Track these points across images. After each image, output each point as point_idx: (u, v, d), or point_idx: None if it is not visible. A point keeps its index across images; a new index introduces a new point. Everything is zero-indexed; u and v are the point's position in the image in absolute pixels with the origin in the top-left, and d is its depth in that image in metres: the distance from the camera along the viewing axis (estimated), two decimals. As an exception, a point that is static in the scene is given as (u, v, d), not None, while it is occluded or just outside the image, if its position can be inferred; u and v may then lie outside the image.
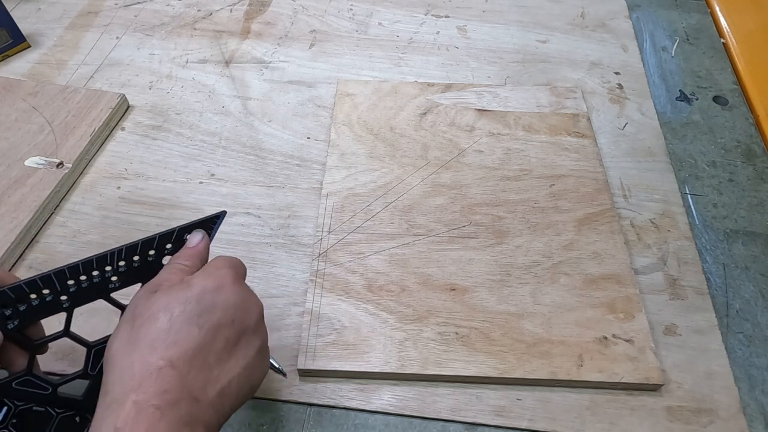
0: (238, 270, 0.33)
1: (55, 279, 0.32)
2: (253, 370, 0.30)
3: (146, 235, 0.34)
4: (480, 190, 0.50)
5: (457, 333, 0.41)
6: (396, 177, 0.51)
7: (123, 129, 0.56)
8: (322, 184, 0.51)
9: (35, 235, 0.48)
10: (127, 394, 0.25)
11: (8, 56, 0.63)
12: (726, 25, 0.69)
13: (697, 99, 0.61)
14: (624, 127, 0.57)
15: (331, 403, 0.40)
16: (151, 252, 0.34)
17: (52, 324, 0.34)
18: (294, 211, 0.50)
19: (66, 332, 0.33)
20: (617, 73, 0.63)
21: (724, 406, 0.40)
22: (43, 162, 0.51)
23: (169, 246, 0.34)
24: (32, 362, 0.33)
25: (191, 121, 0.57)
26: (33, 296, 0.32)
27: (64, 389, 0.32)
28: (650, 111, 0.59)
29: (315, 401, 0.40)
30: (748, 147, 0.57)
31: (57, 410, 0.32)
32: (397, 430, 0.39)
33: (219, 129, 0.57)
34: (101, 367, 0.33)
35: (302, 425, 0.39)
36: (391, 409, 0.39)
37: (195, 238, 0.34)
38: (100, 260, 0.32)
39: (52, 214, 0.49)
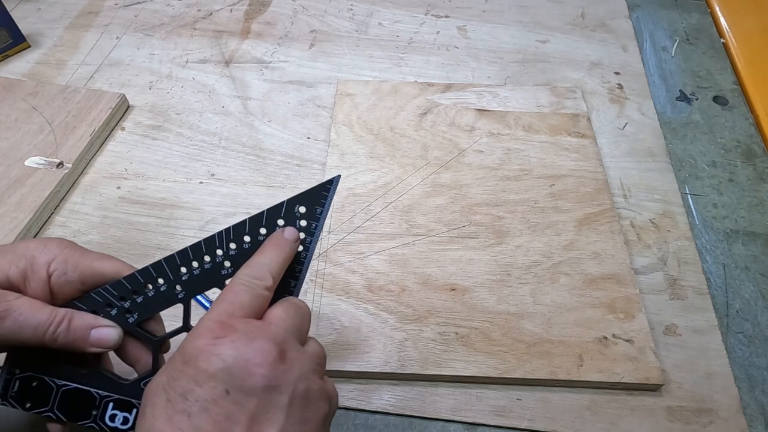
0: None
1: (166, 266, 0.30)
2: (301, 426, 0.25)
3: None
4: (480, 190, 0.50)
5: (457, 333, 0.41)
6: (396, 177, 0.51)
7: (123, 129, 0.56)
8: (322, 184, 0.51)
9: (35, 235, 0.48)
10: None
11: (8, 56, 0.63)
12: (726, 25, 0.69)
13: (697, 99, 0.61)
14: (624, 127, 0.57)
15: (331, 403, 0.40)
16: (262, 230, 0.31)
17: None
18: (294, 211, 0.50)
19: (185, 326, 0.31)
20: (617, 73, 0.63)
21: (724, 406, 0.40)
22: (43, 162, 0.51)
23: (280, 222, 0.32)
24: (157, 361, 0.31)
25: (191, 121, 0.57)
26: (149, 287, 0.30)
27: None
28: (650, 111, 0.59)
29: (315, 401, 0.40)
30: (748, 147, 0.57)
31: None
32: (397, 430, 0.39)
33: (219, 129, 0.57)
34: None
35: (302, 425, 0.39)
36: (391, 409, 0.39)
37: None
38: (209, 243, 0.31)
39: (52, 214, 0.49)
